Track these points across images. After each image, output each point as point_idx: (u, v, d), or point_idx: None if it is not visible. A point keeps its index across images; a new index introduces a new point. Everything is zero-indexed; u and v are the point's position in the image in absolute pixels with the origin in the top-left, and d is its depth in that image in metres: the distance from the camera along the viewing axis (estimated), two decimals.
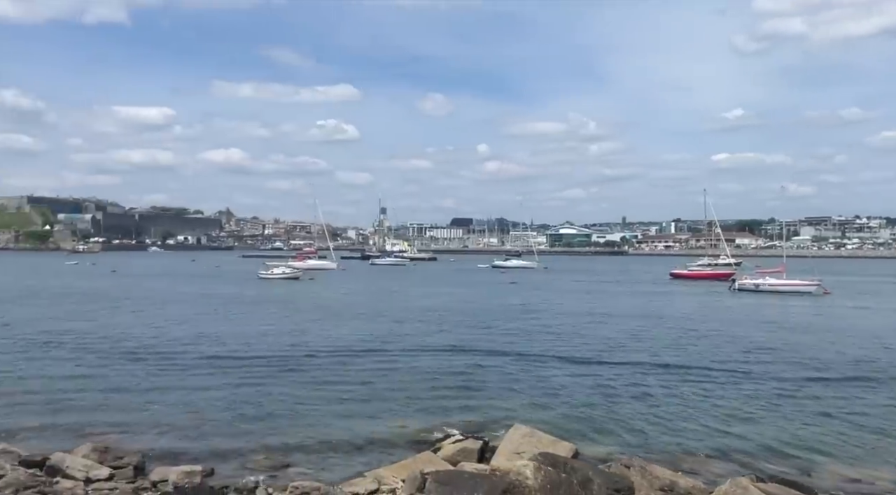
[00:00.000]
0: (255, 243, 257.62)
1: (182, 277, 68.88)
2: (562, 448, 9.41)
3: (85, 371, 17.70)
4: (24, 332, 25.16)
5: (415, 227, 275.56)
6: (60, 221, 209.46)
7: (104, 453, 9.74)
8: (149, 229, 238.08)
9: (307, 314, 33.17)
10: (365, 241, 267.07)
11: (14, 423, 12.53)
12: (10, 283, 55.44)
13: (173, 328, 26.91)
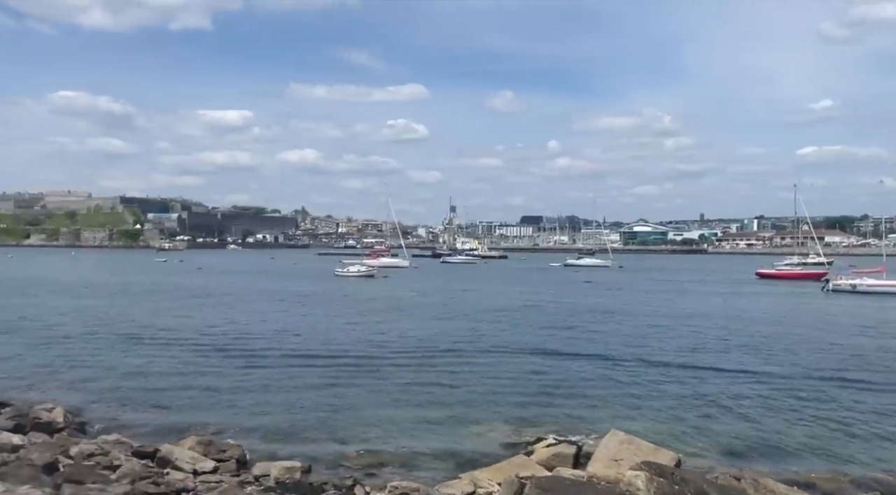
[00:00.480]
0: (329, 241, 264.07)
1: (263, 274, 71.37)
2: (663, 456, 9.04)
3: (181, 365, 18.53)
4: (122, 327, 26.67)
5: (484, 225, 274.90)
6: (150, 220, 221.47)
7: (208, 446, 10.10)
8: (230, 228, 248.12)
9: (384, 312, 33.60)
10: (435, 239, 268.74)
11: (121, 415, 13.26)
12: (108, 279, 58.97)
13: (259, 324, 27.84)
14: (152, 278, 61.86)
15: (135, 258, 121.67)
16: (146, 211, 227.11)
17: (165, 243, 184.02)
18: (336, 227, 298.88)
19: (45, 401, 13.36)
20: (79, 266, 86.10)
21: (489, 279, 66.60)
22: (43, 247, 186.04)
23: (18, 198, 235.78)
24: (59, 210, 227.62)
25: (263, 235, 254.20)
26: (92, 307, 34.66)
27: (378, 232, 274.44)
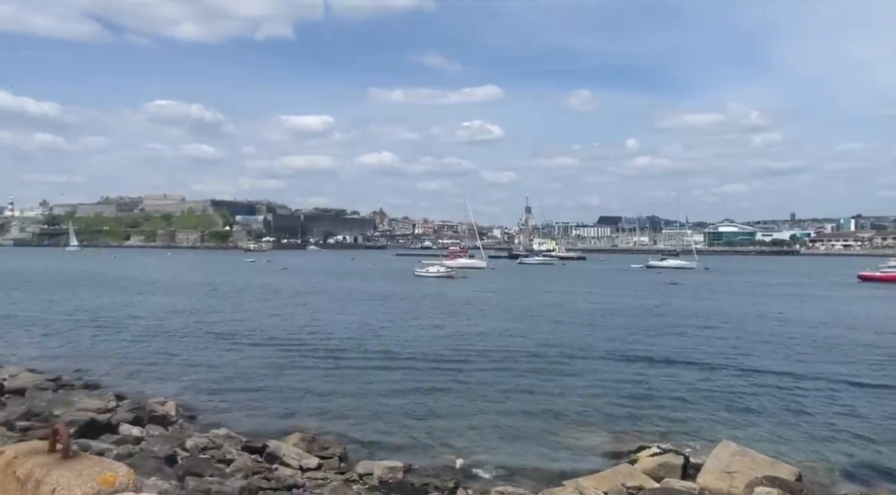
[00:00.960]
0: (406, 242, 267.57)
1: (346, 275, 73.10)
2: (783, 470, 8.52)
3: (275, 363, 19.15)
4: (218, 325, 27.91)
5: (560, 226, 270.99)
6: (238, 222, 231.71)
7: (311, 443, 10.36)
8: (312, 229, 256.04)
9: (466, 314, 33.57)
10: (510, 240, 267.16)
11: (225, 410, 13.81)
12: (202, 279, 62.02)
13: (346, 324, 28.42)
14: (242, 278, 64.53)
15: (225, 258, 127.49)
16: (234, 213, 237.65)
17: (251, 244, 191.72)
18: (412, 228, 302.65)
19: (156, 395, 14.13)
20: (174, 266, 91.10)
21: (569, 281, 65.50)
22: (142, 247, 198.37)
23: (120, 202, 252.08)
24: (156, 213, 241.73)
25: (343, 236, 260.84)
26: (188, 305, 36.53)
27: (454, 233, 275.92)
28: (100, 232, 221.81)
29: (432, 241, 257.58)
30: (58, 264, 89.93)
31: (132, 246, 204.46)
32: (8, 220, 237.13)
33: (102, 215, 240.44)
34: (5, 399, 11.80)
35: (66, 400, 11.82)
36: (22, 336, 25.06)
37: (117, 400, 12.68)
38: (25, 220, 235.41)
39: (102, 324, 28.15)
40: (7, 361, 18.18)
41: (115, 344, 23.02)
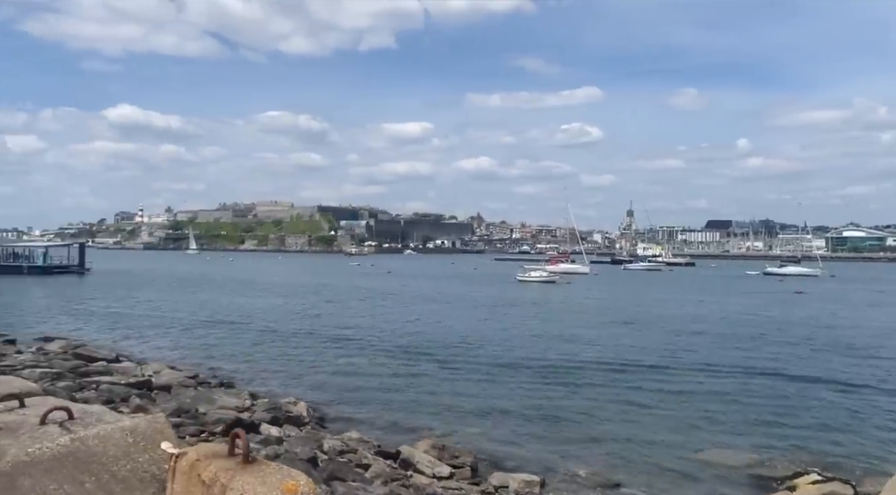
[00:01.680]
0: (504, 247, 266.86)
1: (447, 279, 73.78)
2: None
3: (393, 366, 19.45)
4: (332, 327, 28.78)
5: (664, 230, 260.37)
6: (342, 227, 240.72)
7: (441, 450, 10.28)
8: (412, 234, 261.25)
9: (574, 320, 32.76)
10: (611, 245, 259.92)
11: (351, 412, 14.07)
12: (312, 281, 64.57)
13: (456, 329, 28.44)
14: (350, 281, 66.67)
15: (331, 262, 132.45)
16: (339, 218, 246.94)
17: (352, 248, 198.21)
18: (510, 233, 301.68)
19: (286, 395, 14.65)
20: (286, 269, 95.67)
21: (679, 288, 62.60)
22: (255, 251, 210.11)
23: (235, 208, 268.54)
24: (267, 218, 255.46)
25: (441, 241, 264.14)
26: (303, 307, 38.05)
27: (552, 237, 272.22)
28: (218, 236, 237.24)
29: (530, 246, 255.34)
30: (180, 266, 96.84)
31: (246, 249, 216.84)
32: (138, 226, 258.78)
33: (220, 221, 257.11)
34: (154, 395, 12.60)
35: (207, 397, 12.45)
36: (155, 334, 26.98)
37: (252, 399, 13.23)
38: (153, 226, 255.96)
39: (226, 324, 29.81)
40: (149, 358, 19.62)
41: (241, 343, 24.25)
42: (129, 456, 5.51)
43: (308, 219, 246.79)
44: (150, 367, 16.40)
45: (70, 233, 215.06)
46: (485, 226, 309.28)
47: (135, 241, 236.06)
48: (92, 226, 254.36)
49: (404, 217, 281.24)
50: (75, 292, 47.44)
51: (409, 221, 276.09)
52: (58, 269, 63.38)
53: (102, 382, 12.67)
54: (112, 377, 13.61)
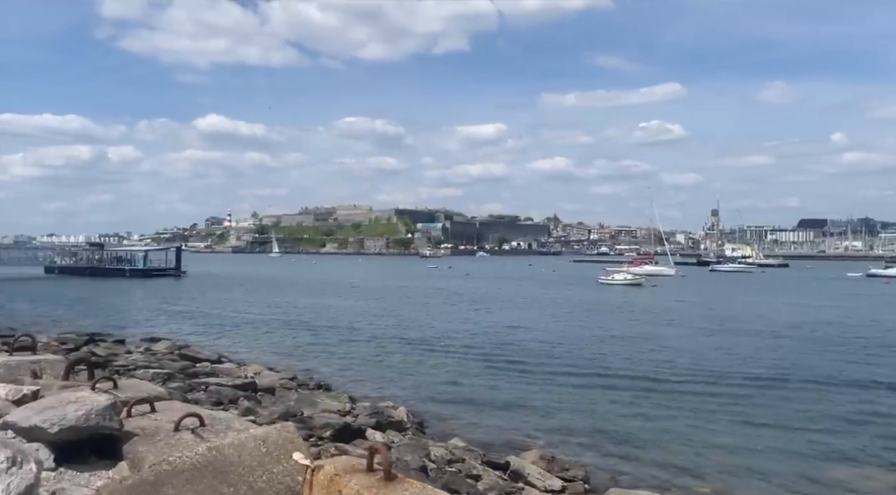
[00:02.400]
0: (581, 248, 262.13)
1: (527, 281, 72.89)
2: None
3: (484, 371, 19.15)
4: (417, 329, 28.82)
5: (752, 230, 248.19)
6: (419, 230, 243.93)
7: (551, 462, 9.89)
8: (487, 235, 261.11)
9: (666, 326, 31.20)
10: (695, 246, 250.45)
11: (447, 417, 13.87)
12: (393, 283, 65.37)
13: (543, 333, 27.84)
14: (430, 283, 67.06)
15: (409, 264, 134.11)
16: (416, 221, 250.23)
17: (426, 251, 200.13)
18: (587, 234, 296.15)
19: (383, 398, 14.63)
20: (367, 271, 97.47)
21: (775, 290, 59.18)
22: (336, 254, 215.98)
23: (316, 212, 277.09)
24: (347, 221, 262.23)
25: (517, 242, 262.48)
26: (388, 309, 38.46)
27: (632, 238, 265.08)
28: (300, 240, 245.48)
29: (609, 247, 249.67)
30: (266, 269, 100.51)
31: (327, 252, 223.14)
32: (227, 230, 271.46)
33: (302, 224, 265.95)
34: (259, 397, 12.84)
35: (309, 400, 12.57)
36: (249, 334, 27.88)
37: (351, 403, 13.26)
38: (240, 230, 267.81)
39: (315, 325, 30.46)
40: (247, 359, 20.17)
41: (330, 345, 24.67)
42: (263, 466, 5.33)
43: (386, 222, 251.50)
44: (251, 368, 16.82)
45: (165, 237, 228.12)
46: (561, 227, 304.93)
47: (224, 245, 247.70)
48: (184, 231, 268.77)
49: (480, 219, 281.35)
50: (173, 294, 49.97)
51: (484, 223, 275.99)
52: (156, 272, 67.10)
53: (210, 384, 13.04)
54: (218, 378, 14.01)
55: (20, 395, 7.10)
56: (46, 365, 9.62)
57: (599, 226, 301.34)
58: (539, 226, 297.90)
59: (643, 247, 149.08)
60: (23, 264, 63.90)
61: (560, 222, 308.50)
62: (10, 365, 9.19)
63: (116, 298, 43.96)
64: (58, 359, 9.86)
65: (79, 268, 66.50)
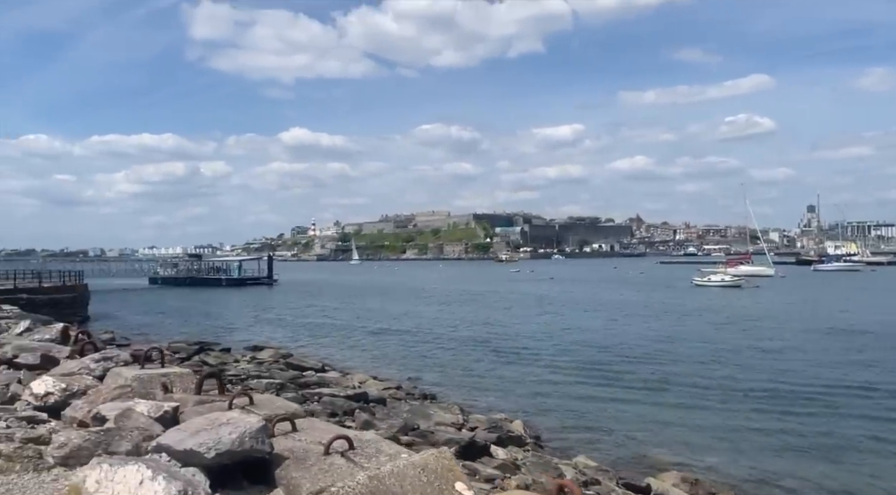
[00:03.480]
0: (667, 249, 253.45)
1: (614, 283, 70.59)
2: None
3: (592, 381, 18.24)
4: (516, 336, 28.15)
5: (854, 226, 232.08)
6: (497, 234, 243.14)
7: (695, 485, 9.06)
8: (567, 238, 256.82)
9: (781, 332, 28.46)
10: (791, 244, 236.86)
11: (561, 431, 13.15)
12: (477, 288, 64.80)
13: (639, 339, 26.38)
14: (513, 287, 66.08)
15: (489, 269, 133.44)
16: (494, 225, 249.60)
17: (503, 254, 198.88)
18: (673, 234, 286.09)
19: (489, 409, 14.11)
20: (448, 276, 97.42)
21: (891, 291, 54.51)
22: (416, 260, 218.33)
23: (396, 219, 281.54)
24: (426, 228, 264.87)
25: (599, 244, 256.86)
26: (475, 315, 37.99)
27: (721, 237, 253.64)
28: (381, 246, 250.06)
29: (696, 247, 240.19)
30: (350, 276, 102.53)
31: (407, 258, 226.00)
32: (312, 239, 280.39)
33: (383, 232, 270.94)
34: (371, 407, 12.59)
35: (421, 412, 12.20)
36: (344, 342, 28.09)
37: (463, 414, 12.80)
38: (324, 239, 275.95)
39: (405, 332, 30.38)
40: (349, 367, 20.16)
41: (425, 351, 24.47)
42: None
43: (464, 227, 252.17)
44: (356, 378, 16.71)
45: (254, 247, 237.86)
46: (645, 227, 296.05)
47: (309, 253, 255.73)
48: (272, 241, 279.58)
49: (559, 221, 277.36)
50: (266, 302, 51.58)
51: (563, 225, 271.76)
52: (250, 281, 69.69)
53: (324, 394, 12.92)
54: (329, 388, 13.89)
55: (161, 412, 7.01)
56: (175, 378, 9.66)
57: (685, 225, 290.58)
58: (621, 227, 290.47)
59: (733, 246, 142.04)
60: (129, 275, 67.92)
61: (643, 223, 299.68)
62: (142, 378, 9.26)
63: (214, 307, 45.73)
64: (185, 371, 9.91)
65: (179, 278, 70.04)
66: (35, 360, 11.04)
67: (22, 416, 8.17)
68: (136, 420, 6.61)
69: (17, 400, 9.21)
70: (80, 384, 9.06)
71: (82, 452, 5.58)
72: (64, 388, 8.76)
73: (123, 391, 8.70)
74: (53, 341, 12.92)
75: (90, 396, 8.60)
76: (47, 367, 11.01)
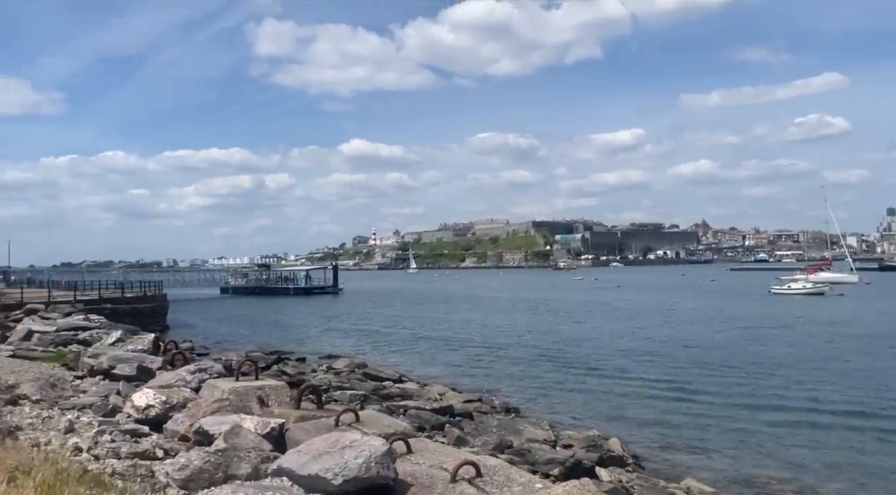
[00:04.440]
0: (736, 255, 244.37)
1: (684, 291, 68.12)
2: None
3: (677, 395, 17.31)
4: (581, 346, 27.20)
5: None
6: (557, 241, 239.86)
7: None
8: (630, 245, 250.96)
9: (881, 346, 26.62)
10: (871, 249, 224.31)
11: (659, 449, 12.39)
12: (541, 296, 63.73)
13: (727, 352, 25.01)
14: (578, 296, 64.64)
15: (550, 277, 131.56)
16: (553, 232, 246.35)
17: (560, 262, 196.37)
18: (742, 240, 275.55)
19: (581, 425, 13.47)
20: (510, 284, 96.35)
21: None
22: (475, 268, 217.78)
23: (455, 227, 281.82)
24: (484, 236, 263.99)
25: (664, 251, 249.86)
26: (544, 324, 37.15)
27: (794, 242, 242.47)
28: (441, 255, 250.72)
29: (768, 253, 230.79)
30: (411, 284, 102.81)
31: (467, 267, 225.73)
32: (372, 248, 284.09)
33: (442, 240, 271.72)
34: (458, 421, 12.18)
35: (511, 427, 11.71)
36: (415, 351, 27.87)
37: (553, 430, 12.22)
38: (384, 248, 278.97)
39: (475, 341, 29.96)
40: (423, 377, 19.81)
41: (500, 362, 23.96)
42: None
43: (524, 235, 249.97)
44: (435, 389, 16.35)
45: (317, 257, 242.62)
46: (711, 233, 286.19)
47: (370, 262, 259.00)
48: (334, 250, 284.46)
49: (621, 228, 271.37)
50: (333, 310, 52.15)
51: (625, 232, 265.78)
52: (317, 290, 70.78)
53: (409, 407, 12.58)
54: (413, 401, 13.56)
55: (268, 429, 6.80)
56: (271, 391, 9.52)
57: (755, 231, 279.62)
58: (686, 233, 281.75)
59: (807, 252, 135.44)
60: (202, 285, 70.12)
61: (710, 228, 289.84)
62: (238, 391, 9.15)
63: (283, 316, 46.50)
64: (280, 384, 9.78)
65: (249, 287, 71.86)
66: (132, 371, 11.22)
67: (125, 429, 8.18)
68: (245, 437, 6.41)
69: (117, 412, 9.30)
70: (179, 396, 9.06)
71: (203, 475, 5.39)
72: (164, 401, 8.77)
73: (222, 404, 8.60)
74: (146, 352, 13.22)
75: (190, 409, 8.56)
76: (143, 378, 11.17)
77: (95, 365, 11.48)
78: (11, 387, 9.33)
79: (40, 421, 7.69)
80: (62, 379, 11.04)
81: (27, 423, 7.49)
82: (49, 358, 12.76)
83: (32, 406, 8.46)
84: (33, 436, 7.06)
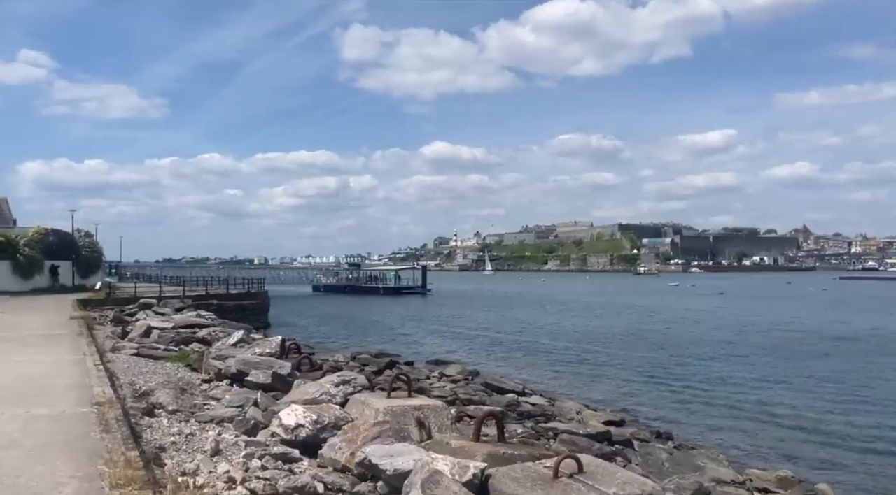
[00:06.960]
0: (840, 263, 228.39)
1: (799, 301, 62.83)
2: None
3: (824, 418, 14.89)
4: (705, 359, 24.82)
5: None
6: (644, 245, 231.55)
7: None
8: (723, 250, 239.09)
9: None
10: None
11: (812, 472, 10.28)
12: (638, 302, 60.54)
13: None
14: (679, 302, 61.01)
15: (637, 281, 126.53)
16: (640, 236, 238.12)
17: (641, 267, 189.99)
18: (847, 247, 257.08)
19: (760, 457, 11.48)
20: (599, 289, 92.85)
21: None
22: (558, 271, 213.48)
23: (537, 230, 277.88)
24: (567, 239, 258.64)
25: (760, 257, 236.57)
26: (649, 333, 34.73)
27: None
28: (522, 257, 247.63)
29: (878, 262, 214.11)
30: (497, 286, 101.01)
31: (549, 270, 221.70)
32: (453, 250, 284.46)
33: (524, 243, 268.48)
34: (620, 449, 10.46)
35: (689, 462, 9.89)
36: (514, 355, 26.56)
37: (732, 467, 10.30)
38: (465, 249, 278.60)
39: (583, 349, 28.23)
40: (548, 391, 18.14)
41: (622, 373, 22.28)
42: None
43: (609, 238, 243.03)
44: (567, 405, 14.69)
45: (399, 257, 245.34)
46: (813, 239, 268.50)
47: (451, 263, 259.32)
48: (416, 251, 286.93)
49: (713, 232, 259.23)
50: (424, 311, 51.40)
51: (718, 237, 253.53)
52: (406, 290, 70.49)
53: (559, 430, 10.96)
54: (561, 423, 11.95)
55: (468, 477, 5.37)
56: (429, 412, 8.16)
57: (862, 237, 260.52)
58: (785, 238, 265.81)
59: None
60: (295, 283, 71.50)
61: (811, 234, 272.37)
62: (394, 411, 7.77)
63: (376, 315, 46.06)
64: (439, 405, 8.37)
65: (339, 286, 72.57)
66: (266, 380, 10.15)
67: (275, 454, 7.06)
68: (447, 489, 5.05)
69: (259, 428, 8.29)
70: (330, 415, 7.81)
71: None
72: (315, 420, 7.49)
73: (382, 429, 7.33)
74: (273, 355, 12.36)
75: (347, 433, 7.26)
76: (277, 387, 10.19)
77: (223, 368, 10.60)
78: (146, 394, 8.47)
79: (183, 440, 6.69)
80: (190, 383, 10.23)
81: (170, 443, 6.50)
82: (172, 357, 12.10)
83: (170, 418, 7.53)
84: (179, 460, 6.04)
